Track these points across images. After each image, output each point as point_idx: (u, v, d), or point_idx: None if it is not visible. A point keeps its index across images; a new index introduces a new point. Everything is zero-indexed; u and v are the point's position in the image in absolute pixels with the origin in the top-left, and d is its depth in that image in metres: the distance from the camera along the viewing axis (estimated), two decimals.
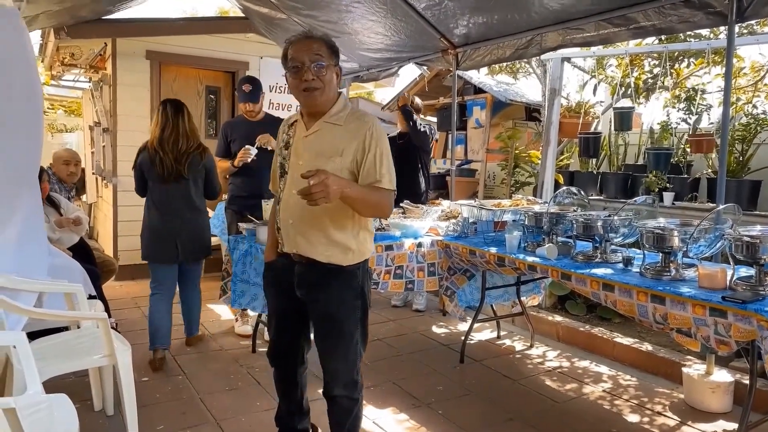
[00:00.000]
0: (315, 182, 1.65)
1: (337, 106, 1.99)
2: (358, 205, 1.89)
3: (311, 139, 1.98)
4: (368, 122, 1.96)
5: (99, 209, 6.98)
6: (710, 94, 5.36)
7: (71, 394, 1.92)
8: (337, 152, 1.93)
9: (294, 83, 1.93)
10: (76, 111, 10.92)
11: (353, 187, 1.84)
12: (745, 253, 2.22)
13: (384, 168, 1.94)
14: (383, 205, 1.96)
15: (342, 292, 2.00)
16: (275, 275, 2.12)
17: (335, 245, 1.97)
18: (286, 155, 2.04)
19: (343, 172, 1.91)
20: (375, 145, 1.93)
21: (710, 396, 2.93)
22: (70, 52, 6.20)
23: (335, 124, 1.96)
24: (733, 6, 2.85)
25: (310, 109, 1.97)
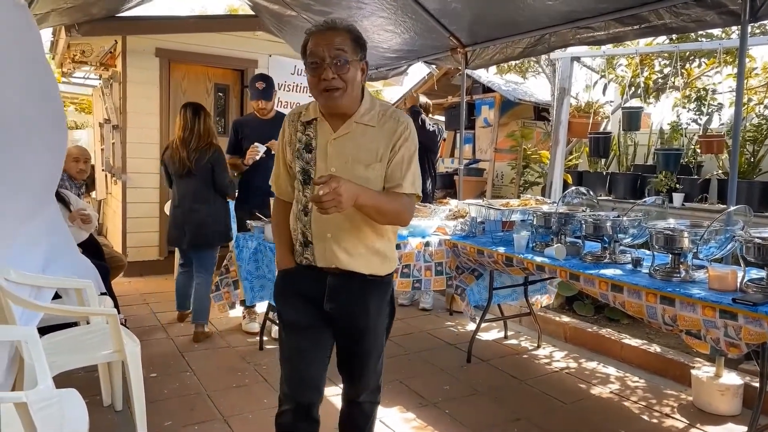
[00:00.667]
0: (325, 191, 1.47)
1: (365, 105, 1.77)
2: (373, 214, 1.70)
3: (342, 143, 1.74)
4: (404, 121, 1.77)
5: (108, 206, 7.02)
6: (721, 95, 5.32)
7: (80, 390, 1.94)
8: (376, 157, 1.73)
9: (313, 81, 1.70)
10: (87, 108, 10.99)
11: (368, 194, 1.63)
12: (756, 254, 2.20)
13: (409, 171, 1.76)
14: (402, 213, 1.76)
15: (379, 303, 1.85)
16: (296, 285, 1.86)
17: (376, 255, 1.81)
18: (309, 159, 1.77)
19: (381, 179, 1.75)
20: (406, 146, 1.75)
21: (719, 398, 2.91)
22: (81, 49, 6.24)
23: (368, 125, 1.75)
24: (747, 5, 2.83)
25: (332, 110, 1.74)
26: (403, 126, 1.76)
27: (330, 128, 1.75)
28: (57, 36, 6.14)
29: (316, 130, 1.77)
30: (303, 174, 1.79)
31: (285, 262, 1.89)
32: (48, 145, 2.64)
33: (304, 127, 1.80)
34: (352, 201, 1.55)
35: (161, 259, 5.89)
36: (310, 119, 1.79)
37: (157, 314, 4.47)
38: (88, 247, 3.74)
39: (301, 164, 1.79)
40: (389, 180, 1.74)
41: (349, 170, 1.69)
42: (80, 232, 3.77)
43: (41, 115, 2.59)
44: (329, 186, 1.48)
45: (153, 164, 5.81)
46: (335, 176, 1.54)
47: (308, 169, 1.77)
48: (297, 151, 1.80)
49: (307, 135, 1.79)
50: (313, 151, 1.77)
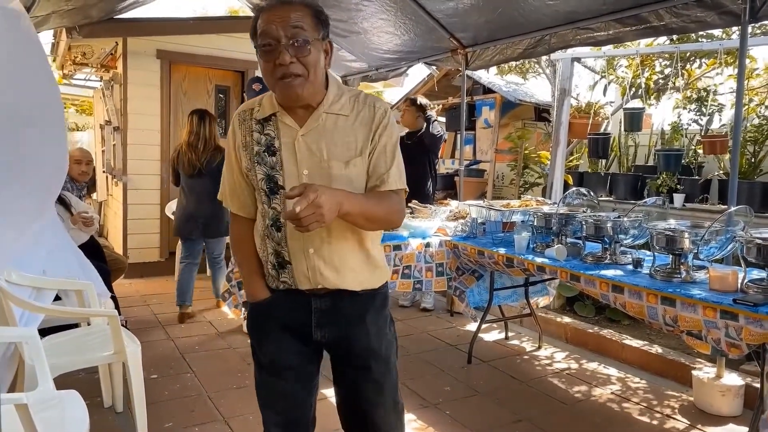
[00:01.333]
0: (303, 205, 1.21)
1: (332, 92, 1.49)
2: (361, 221, 1.43)
3: (313, 139, 1.46)
4: (381, 107, 1.51)
5: (109, 207, 7.03)
6: (722, 95, 5.33)
7: (81, 391, 1.94)
8: (355, 151, 1.47)
9: (267, 68, 1.40)
10: (88, 110, 11.01)
11: (353, 200, 1.36)
12: (757, 255, 2.19)
13: (394, 164, 1.50)
14: (392, 215, 1.50)
15: (378, 320, 1.58)
16: (275, 317, 1.56)
17: (366, 265, 1.55)
18: (274, 163, 1.47)
19: (364, 176, 1.50)
20: (386, 135, 1.50)
21: (720, 399, 2.91)
22: (82, 51, 6.25)
23: (340, 114, 1.48)
24: (747, 6, 2.83)
25: (292, 102, 1.45)
26: (381, 112, 1.50)
27: (294, 123, 1.47)
28: (58, 38, 6.15)
29: (277, 127, 1.49)
30: (268, 182, 1.48)
31: (257, 292, 1.57)
32: (50, 148, 2.64)
33: (261, 126, 1.51)
34: (336, 211, 1.28)
35: (162, 261, 5.89)
36: (267, 115, 1.50)
37: (158, 315, 4.47)
38: (89, 248, 3.74)
39: (263, 170, 1.49)
40: (372, 177, 1.50)
41: (325, 171, 1.44)
42: (81, 234, 3.78)
43: (43, 119, 2.59)
44: (306, 198, 1.22)
45: (154, 166, 5.82)
46: (310, 185, 1.26)
47: (274, 175, 1.47)
48: (256, 155, 1.50)
49: (267, 134, 1.49)
50: (277, 153, 1.47)
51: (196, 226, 4.33)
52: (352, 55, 5.35)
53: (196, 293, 5.20)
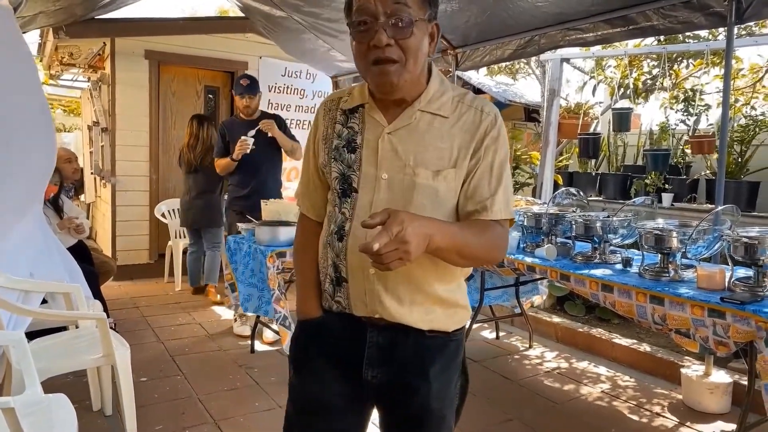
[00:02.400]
0: (383, 241, 0.98)
1: (434, 86, 1.26)
2: (452, 256, 1.16)
3: (400, 139, 1.23)
4: (490, 113, 1.26)
5: (97, 209, 6.97)
6: (709, 95, 5.38)
7: (69, 395, 1.92)
8: (449, 161, 1.22)
9: (359, 50, 1.19)
10: (75, 110, 10.91)
11: (445, 231, 1.10)
12: (744, 254, 2.22)
13: (500, 187, 1.23)
14: (492, 251, 1.24)
15: (445, 372, 1.30)
16: (322, 342, 1.32)
17: (440, 303, 1.27)
18: (351, 161, 1.26)
19: (456, 193, 1.25)
20: (494, 149, 1.24)
21: (709, 397, 2.93)
22: (69, 51, 6.19)
23: (437, 114, 1.24)
24: (733, 7, 2.86)
25: (386, 93, 1.22)
26: (491, 120, 1.24)
27: (383, 118, 1.25)
28: (44, 38, 6.09)
29: (362, 121, 1.27)
30: (342, 182, 1.27)
31: (308, 307, 1.34)
32: (36, 149, 2.62)
33: (345, 117, 1.30)
34: (424, 247, 1.04)
35: (151, 263, 5.85)
36: (355, 106, 1.29)
37: (148, 318, 4.44)
38: (77, 251, 3.71)
39: (339, 168, 1.28)
40: (471, 200, 1.23)
41: (408, 178, 1.21)
42: (68, 237, 3.75)
43: (30, 119, 2.57)
44: (389, 232, 0.98)
45: (143, 167, 5.78)
46: (395, 213, 1.01)
47: (350, 176, 1.26)
48: (335, 149, 1.29)
49: (350, 128, 1.28)
50: (357, 150, 1.26)
51: (191, 216, 4.85)
52: (344, 56, 5.35)
53: (185, 296, 5.18)
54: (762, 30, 6.04)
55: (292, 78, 6.48)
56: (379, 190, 1.23)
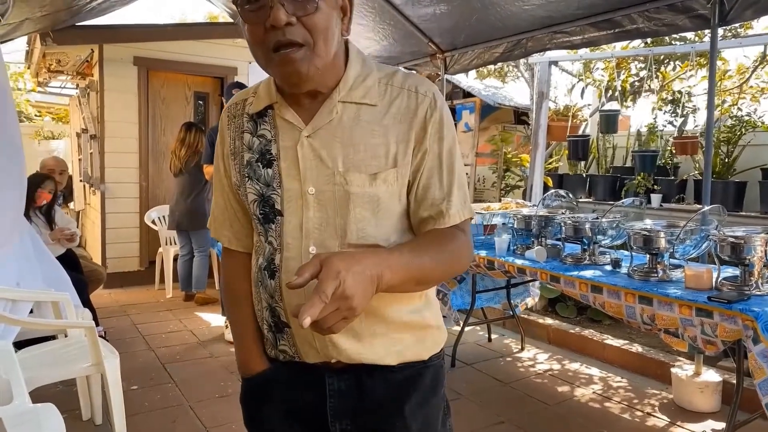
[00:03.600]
0: (318, 307, 0.76)
1: (354, 69, 1.02)
2: (410, 287, 0.96)
3: (323, 141, 0.99)
4: (427, 93, 1.02)
5: (87, 216, 6.93)
6: (697, 97, 5.44)
7: (59, 404, 1.90)
8: (387, 160, 0.99)
9: (254, 35, 0.93)
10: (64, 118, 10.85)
11: (396, 265, 0.88)
12: (730, 253, 2.24)
13: (454, 183, 1.02)
14: (457, 263, 1.02)
15: (425, 409, 1.08)
16: (276, 399, 1.11)
17: (406, 329, 1.05)
18: (269, 178, 1.02)
19: (402, 198, 1.02)
20: (438, 138, 1.01)
21: (699, 396, 2.95)
22: (57, 58, 6.17)
23: (362, 103, 1.00)
24: (716, 10, 2.89)
25: (294, 87, 0.98)
26: (429, 102, 1.01)
27: (298, 118, 1.01)
28: (32, 45, 6.05)
29: (274, 126, 1.03)
30: (262, 205, 1.03)
31: (250, 362, 1.13)
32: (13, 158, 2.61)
33: (254, 124, 1.06)
34: (371, 293, 0.83)
35: (142, 270, 5.82)
36: (263, 108, 1.05)
37: (138, 326, 4.41)
38: (66, 259, 3.69)
39: (256, 188, 1.04)
40: (423, 205, 1.01)
41: (340, 188, 0.98)
42: (57, 246, 3.72)
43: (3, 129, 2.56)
44: (321, 295, 0.76)
45: (132, 174, 5.75)
46: (328, 262, 0.79)
47: (270, 196, 1.02)
48: (247, 165, 1.05)
49: (261, 136, 1.04)
50: (274, 163, 1.02)
51: (177, 217, 4.96)
52: None
53: (176, 303, 5.15)
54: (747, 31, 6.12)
55: None
56: (308, 209, 0.99)
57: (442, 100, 1.04)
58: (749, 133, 4.49)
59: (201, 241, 4.99)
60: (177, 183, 4.99)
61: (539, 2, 3.48)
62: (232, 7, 4.87)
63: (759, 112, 4.80)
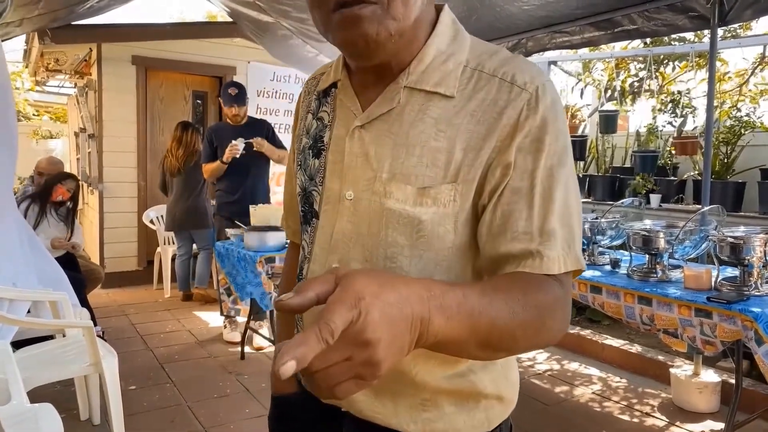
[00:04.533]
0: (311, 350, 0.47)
1: (437, 43, 0.77)
2: (472, 349, 0.62)
3: (375, 135, 0.78)
4: (528, 84, 0.73)
5: (85, 216, 6.92)
6: (696, 98, 5.44)
7: (57, 404, 1.90)
8: (446, 172, 0.74)
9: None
10: (62, 117, 10.83)
11: (456, 308, 0.56)
12: (730, 253, 2.24)
13: (553, 215, 0.71)
14: (544, 326, 0.67)
15: None
16: (297, 429, 0.96)
17: (445, 395, 0.79)
18: (314, 171, 0.85)
19: (459, 226, 0.75)
20: (535, 150, 0.72)
21: (698, 396, 2.95)
22: (55, 57, 6.16)
23: (434, 92, 0.76)
24: (715, 10, 2.90)
25: (359, 58, 0.76)
26: (528, 97, 0.72)
27: (356, 102, 0.81)
28: (30, 44, 6.04)
29: (333, 109, 0.84)
30: (303, 201, 0.88)
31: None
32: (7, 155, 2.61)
33: (318, 104, 0.88)
34: (407, 345, 0.53)
35: (140, 270, 5.81)
36: (328, 86, 0.87)
37: (136, 325, 4.40)
38: (63, 259, 3.68)
39: (302, 180, 0.88)
40: (499, 239, 0.72)
41: (377, 200, 0.76)
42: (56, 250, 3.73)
43: None
44: (324, 326, 0.48)
45: (130, 173, 5.74)
46: (350, 281, 0.52)
47: (311, 192, 0.85)
48: (301, 152, 0.89)
49: (320, 119, 0.86)
50: (323, 154, 0.84)
51: (175, 219, 4.91)
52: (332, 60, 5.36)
53: (174, 302, 5.15)
54: (746, 32, 6.12)
55: (280, 82, 6.48)
56: (342, 216, 0.80)
57: (553, 97, 0.74)
58: (748, 134, 4.49)
59: (203, 240, 4.96)
60: (175, 183, 4.94)
61: (539, 2, 3.47)
62: (231, 5, 4.89)
63: (758, 112, 4.80)
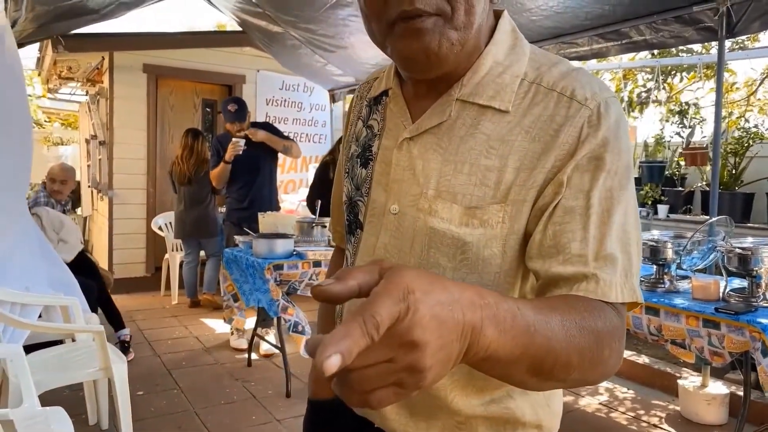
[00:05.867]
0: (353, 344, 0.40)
1: (493, 54, 0.74)
2: (520, 373, 0.54)
3: (424, 148, 0.75)
4: (589, 101, 0.68)
5: (94, 222, 6.98)
6: (704, 108, 5.45)
7: (66, 408, 1.92)
8: (495, 191, 0.70)
9: (372, 8, 0.70)
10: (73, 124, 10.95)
11: (512, 318, 0.50)
12: (738, 264, 2.24)
13: (611, 239, 0.65)
14: (600, 354, 0.59)
15: None
16: None
17: (481, 422, 0.77)
18: (361, 181, 0.84)
19: (508, 249, 0.72)
20: (593, 169, 0.67)
21: (705, 408, 2.93)
22: (68, 65, 6.24)
23: (488, 106, 0.72)
24: (723, 22, 2.91)
25: (418, 71, 0.73)
26: (590, 114, 0.68)
27: (407, 113, 0.78)
28: (43, 52, 6.13)
29: (384, 118, 0.82)
30: (348, 211, 0.86)
31: (316, 384, 0.98)
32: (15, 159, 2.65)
33: (369, 111, 0.86)
34: (456, 354, 0.46)
35: (148, 276, 5.84)
36: (380, 93, 0.84)
37: (144, 332, 4.43)
38: (79, 264, 3.69)
39: (348, 188, 0.87)
40: (549, 260, 0.67)
41: (422, 218, 0.74)
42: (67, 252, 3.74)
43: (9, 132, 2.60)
44: (370, 318, 0.41)
45: (140, 180, 5.80)
46: (397, 274, 0.45)
47: (357, 202, 0.84)
48: (349, 160, 0.88)
49: (369, 128, 0.84)
50: (370, 164, 0.82)
51: (185, 227, 4.94)
52: (339, 69, 5.40)
53: (181, 309, 5.17)
54: (754, 44, 6.13)
55: (289, 91, 6.53)
56: (386, 231, 0.77)
57: (617, 115, 0.69)
58: (756, 145, 4.49)
59: (212, 247, 5.01)
60: (182, 192, 4.97)
61: (547, 13, 3.50)
62: (241, 15, 4.95)
63: (767, 124, 4.79)
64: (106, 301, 3.75)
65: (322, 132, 6.81)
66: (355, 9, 0.78)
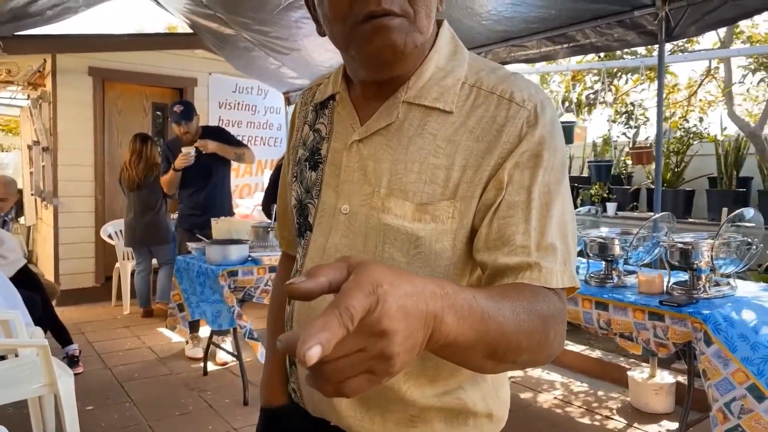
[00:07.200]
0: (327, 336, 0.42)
1: (436, 59, 0.78)
2: (478, 358, 0.58)
3: (374, 149, 0.78)
4: (527, 102, 0.74)
5: (38, 231, 6.68)
6: (650, 108, 5.66)
7: (9, 427, 1.83)
8: (445, 188, 0.74)
9: (337, 9, 0.72)
10: (14, 130, 10.46)
11: (468, 307, 0.53)
12: (680, 258, 2.33)
13: (551, 230, 0.72)
14: (546, 337, 0.64)
15: None
16: None
17: (433, 412, 0.80)
18: (310, 184, 0.86)
19: (458, 243, 0.76)
20: (532, 167, 0.72)
21: (654, 398, 3.04)
22: (7, 68, 5.96)
23: (433, 108, 0.76)
24: (662, 26, 3.04)
25: (381, 69, 0.76)
26: (527, 114, 0.73)
27: (355, 116, 0.81)
28: None
29: (331, 122, 0.85)
30: (298, 213, 0.88)
31: (269, 390, 0.97)
32: None
33: (315, 116, 0.89)
34: (420, 341, 0.49)
35: (98, 286, 5.64)
36: (327, 98, 0.87)
37: (94, 344, 4.27)
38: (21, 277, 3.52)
39: (297, 192, 0.89)
40: (495, 252, 0.71)
41: (375, 215, 0.77)
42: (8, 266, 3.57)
43: None
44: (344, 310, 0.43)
45: (87, 187, 5.59)
46: (366, 269, 0.47)
47: (307, 204, 0.86)
48: (297, 164, 0.90)
49: (316, 131, 0.87)
50: (320, 167, 0.85)
51: (136, 234, 4.80)
52: (294, 72, 5.36)
53: (134, 319, 5.02)
54: (693, 47, 6.41)
55: (243, 94, 6.43)
56: (336, 231, 0.80)
57: (552, 115, 0.74)
58: (696, 144, 4.69)
59: (164, 254, 4.86)
60: (132, 198, 4.82)
61: (497, 18, 3.57)
62: (192, 18, 4.84)
63: (705, 123, 5.02)
64: (51, 316, 3.59)
65: (276, 135, 6.73)
66: (308, 12, 0.76)
